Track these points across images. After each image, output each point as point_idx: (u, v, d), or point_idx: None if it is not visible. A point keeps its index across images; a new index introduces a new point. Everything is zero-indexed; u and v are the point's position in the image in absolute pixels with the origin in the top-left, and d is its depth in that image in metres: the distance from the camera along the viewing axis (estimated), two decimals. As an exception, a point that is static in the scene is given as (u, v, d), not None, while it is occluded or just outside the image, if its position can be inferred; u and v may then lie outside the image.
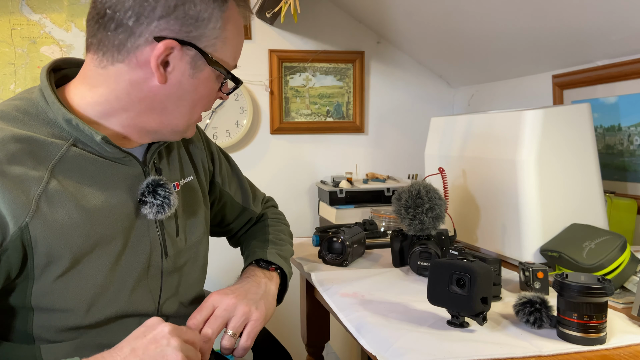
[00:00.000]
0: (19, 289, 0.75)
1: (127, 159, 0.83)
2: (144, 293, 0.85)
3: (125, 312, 0.82)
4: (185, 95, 0.82)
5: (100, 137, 0.78)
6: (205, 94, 0.84)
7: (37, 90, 0.81)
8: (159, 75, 0.78)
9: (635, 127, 1.37)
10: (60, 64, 0.87)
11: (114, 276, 0.80)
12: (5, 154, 0.71)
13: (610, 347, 0.79)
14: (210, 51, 0.80)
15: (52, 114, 0.78)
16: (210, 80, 0.83)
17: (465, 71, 2.22)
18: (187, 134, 0.89)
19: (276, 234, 1.12)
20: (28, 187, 0.72)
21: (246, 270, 1.01)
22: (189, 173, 0.99)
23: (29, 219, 0.70)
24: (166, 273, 0.88)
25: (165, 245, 0.88)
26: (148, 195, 0.83)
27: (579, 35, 1.44)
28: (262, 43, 2.19)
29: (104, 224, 0.78)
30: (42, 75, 0.82)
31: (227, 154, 1.16)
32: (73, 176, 0.77)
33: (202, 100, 0.85)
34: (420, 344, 0.80)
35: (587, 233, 1.13)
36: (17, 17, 1.98)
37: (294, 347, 1.78)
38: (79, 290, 0.76)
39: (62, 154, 0.76)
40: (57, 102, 0.78)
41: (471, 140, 1.39)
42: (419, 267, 1.15)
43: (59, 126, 0.78)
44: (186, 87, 0.81)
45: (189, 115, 0.85)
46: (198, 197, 1.00)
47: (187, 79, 0.80)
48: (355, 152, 2.35)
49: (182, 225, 0.93)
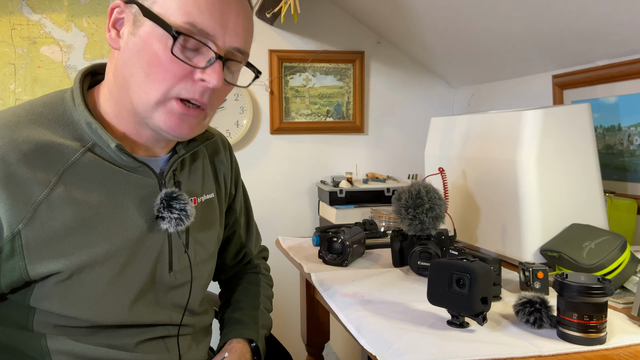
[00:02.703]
0: (21, 289, 0.75)
1: (141, 169, 0.81)
2: (145, 306, 0.83)
3: (126, 322, 0.81)
4: (133, 58, 0.76)
5: (115, 145, 0.77)
6: (154, 57, 0.74)
7: (69, 90, 0.82)
8: (110, 39, 0.77)
9: (635, 127, 1.37)
10: (97, 69, 0.87)
11: (115, 287, 0.78)
12: (17, 154, 0.71)
13: (610, 347, 0.79)
14: (149, 4, 0.75)
15: (77, 115, 0.79)
16: (153, 38, 0.74)
17: (465, 71, 2.22)
18: (157, 122, 0.78)
19: (265, 302, 1.09)
20: (31, 191, 0.71)
21: (236, 344, 0.96)
22: (209, 190, 0.96)
23: (22, 225, 0.71)
24: (169, 288, 0.87)
25: (172, 259, 0.86)
26: (164, 211, 0.81)
27: (579, 35, 1.44)
28: (262, 43, 2.19)
29: (107, 234, 0.77)
30: (76, 77, 0.83)
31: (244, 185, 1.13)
32: (82, 182, 0.76)
33: (154, 67, 0.75)
34: (420, 344, 0.80)
35: (587, 233, 1.13)
36: (17, 17, 1.98)
37: (294, 347, 1.78)
38: (78, 298, 0.76)
39: (75, 159, 0.76)
40: (82, 104, 0.78)
41: (471, 140, 1.39)
42: (419, 267, 1.15)
43: (81, 128, 0.78)
44: (131, 48, 0.76)
45: (144, 87, 0.76)
46: (215, 216, 0.97)
47: (131, 38, 0.76)
48: (355, 152, 2.35)
49: (193, 241, 0.90)
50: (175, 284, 0.87)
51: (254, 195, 2.23)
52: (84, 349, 0.79)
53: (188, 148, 0.89)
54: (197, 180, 0.93)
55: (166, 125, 0.78)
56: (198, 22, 0.74)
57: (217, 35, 0.76)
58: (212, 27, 0.75)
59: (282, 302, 1.08)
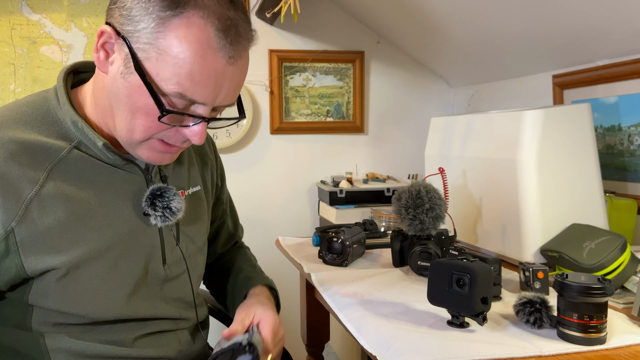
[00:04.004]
0: (20, 285, 0.76)
1: (128, 166, 0.82)
2: (141, 300, 0.84)
3: (123, 317, 0.82)
4: (120, 94, 0.74)
5: (102, 143, 0.77)
6: (142, 108, 0.73)
7: (52, 90, 0.82)
8: (98, 60, 0.74)
9: (635, 127, 1.36)
10: (80, 67, 0.88)
11: (110, 282, 0.79)
12: (4, 153, 0.72)
13: (610, 347, 0.79)
14: (142, 57, 0.70)
15: (62, 114, 0.79)
16: (143, 92, 0.71)
17: (465, 71, 2.22)
18: (141, 156, 0.79)
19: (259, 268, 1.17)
20: (22, 189, 0.72)
21: (257, 290, 1.03)
22: (195, 183, 0.97)
23: (15, 223, 0.71)
24: (164, 281, 0.88)
25: (164, 253, 0.87)
26: (149, 208, 0.82)
27: (579, 35, 1.44)
28: (262, 43, 2.19)
29: (99, 229, 0.78)
30: (59, 76, 0.82)
31: None
32: (71, 178, 0.76)
33: (141, 115, 0.73)
34: (420, 344, 0.80)
35: (587, 233, 1.13)
36: (17, 17, 1.98)
37: (294, 347, 1.78)
38: (76, 294, 0.76)
39: (62, 156, 0.76)
40: (67, 103, 0.79)
41: (471, 140, 1.39)
42: (419, 267, 1.15)
43: (66, 127, 0.78)
44: (119, 86, 0.73)
45: (128, 125, 0.75)
46: (202, 208, 0.99)
47: (120, 77, 0.73)
48: (355, 152, 2.35)
49: (184, 233, 0.92)
50: (170, 277, 0.89)
51: (254, 195, 2.24)
52: (82, 346, 0.79)
53: None
54: (183, 173, 0.95)
55: (148, 158, 0.79)
56: (189, 94, 0.71)
57: (207, 102, 0.74)
58: (203, 98, 0.73)
59: (282, 302, 1.09)
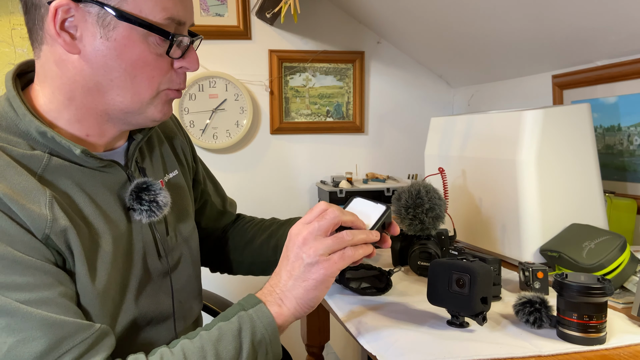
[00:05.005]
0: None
1: (108, 167, 0.79)
2: (148, 297, 0.83)
3: (137, 318, 0.80)
4: (111, 63, 0.71)
5: (80, 151, 0.73)
6: (139, 59, 0.72)
7: (3, 100, 0.74)
8: (65, 44, 0.70)
9: (635, 127, 1.37)
10: (24, 68, 0.81)
11: (114, 283, 0.77)
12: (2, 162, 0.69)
13: (610, 347, 0.79)
14: (116, 4, 0.69)
15: (24, 126, 0.72)
16: (133, 40, 0.70)
17: (465, 71, 2.22)
18: (152, 115, 0.78)
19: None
20: (37, 197, 0.68)
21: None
22: (172, 168, 0.96)
23: (49, 230, 0.68)
24: (163, 274, 0.87)
25: (158, 246, 0.86)
26: (134, 202, 0.80)
27: (579, 35, 1.44)
28: (262, 43, 2.19)
29: (98, 233, 0.76)
30: (7, 83, 0.75)
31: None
32: (61, 185, 0.73)
33: (139, 69, 0.72)
34: (420, 344, 0.80)
35: (587, 233, 1.13)
36: (17, 17, 1.98)
37: (294, 347, 1.78)
38: (86, 299, 0.73)
39: (45, 164, 0.72)
40: (28, 113, 0.72)
41: (471, 140, 1.39)
42: (419, 267, 1.16)
43: (32, 138, 0.73)
44: (106, 53, 0.70)
45: (132, 90, 0.74)
46: (184, 192, 0.98)
47: (102, 42, 0.70)
48: (355, 152, 2.35)
49: (172, 222, 0.91)
50: (168, 268, 0.88)
51: (254, 195, 2.24)
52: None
53: (144, 132, 0.88)
54: (158, 162, 0.93)
55: (162, 113, 0.79)
56: (175, 15, 0.73)
57: (187, 20, 0.76)
58: (185, 16, 0.75)
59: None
